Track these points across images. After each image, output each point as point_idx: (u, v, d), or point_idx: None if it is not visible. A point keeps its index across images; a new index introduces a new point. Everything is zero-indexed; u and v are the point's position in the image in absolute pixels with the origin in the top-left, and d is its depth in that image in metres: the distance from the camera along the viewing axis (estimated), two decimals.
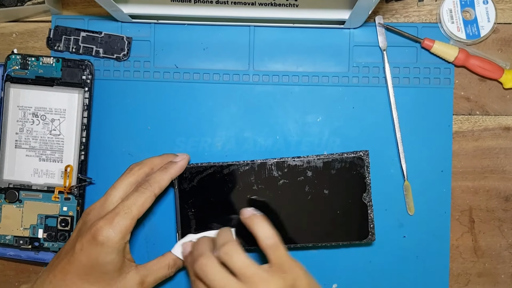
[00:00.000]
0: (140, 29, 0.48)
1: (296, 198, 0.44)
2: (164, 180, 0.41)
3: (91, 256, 0.37)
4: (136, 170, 0.41)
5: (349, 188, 0.44)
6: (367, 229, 0.45)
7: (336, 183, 0.44)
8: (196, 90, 0.48)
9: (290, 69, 0.48)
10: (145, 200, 0.39)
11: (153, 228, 0.48)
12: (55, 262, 0.39)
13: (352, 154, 0.44)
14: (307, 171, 0.44)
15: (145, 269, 0.41)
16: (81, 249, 0.37)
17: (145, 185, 0.40)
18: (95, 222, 0.37)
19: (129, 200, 0.39)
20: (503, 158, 0.48)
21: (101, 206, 0.40)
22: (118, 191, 0.40)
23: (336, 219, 0.45)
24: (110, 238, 0.37)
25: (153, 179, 0.41)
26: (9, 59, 0.46)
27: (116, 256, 0.38)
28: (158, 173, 0.41)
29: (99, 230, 0.37)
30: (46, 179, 0.46)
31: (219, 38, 0.48)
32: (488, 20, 0.47)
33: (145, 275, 0.41)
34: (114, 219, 0.37)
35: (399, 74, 0.48)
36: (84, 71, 0.46)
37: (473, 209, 0.48)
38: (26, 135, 0.46)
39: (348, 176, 0.44)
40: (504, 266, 0.48)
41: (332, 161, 0.44)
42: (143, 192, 0.39)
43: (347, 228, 0.45)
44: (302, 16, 0.45)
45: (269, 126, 0.48)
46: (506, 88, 0.48)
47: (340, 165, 0.44)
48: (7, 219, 0.46)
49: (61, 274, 0.38)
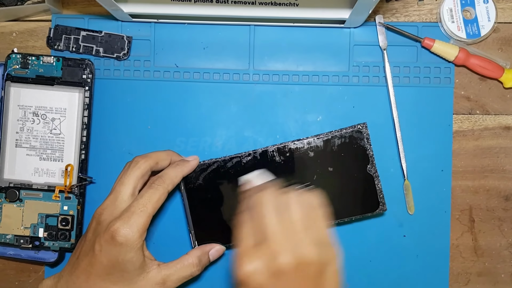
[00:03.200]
0: (140, 28, 0.48)
1: (302, 180, 0.44)
2: (177, 177, 0.41)
3: (111, 256, 0.37)
4: (142, 163, 0.41)
5: (352, 162, 0.44)
6: (377, 200, 0.44)
7: (339, 159, 0.44)
8: (196, 90, 0.48)
9: (290, 68, 0.48)
10: (159, 197, 0.39)
11: (158, 228, 0.48)
12: (75, 262, 0.39)
13: (350, 129, 0.44)
14: (309, 152, 0.44)
15: (168, 267, 0.41)
16: (100, 250, 0.37)
17: (159, 181, 0.40)
18: (112, 223, 0.37)
19: (144, 197, 0.39)
20: (503, 158, 0.48)
21: (113, 204, 0.39)
22: (126, 187, 0.40)
23: (345, 195, 0.45)
24: (128, 238, 0.37)
25: (166, 175, 0.41)
26: (10, 58, 0.46)
27: (135, 255, 0.38)
28: (172, 169, 0.41)
29: (117, 230, 0.37)
30: (46, 178, 0.46)
31: (219, 37, 0.48)
32: (488, 20, 0.47)
33: (167, 274, 0.40)
34: (130, 218, 0.37)
35: (399, 73, 0.48)
36: (84, 70, 0.46)
37: (473, 208, 0.48)
38: (26, 134, 0.46)
39: (350, 151, 0.44)
40: (504, 265, 0.48)
41: (332, 138, 0.44)
42: (156, 189, 0.39)
43: (357, 202, 0.45)
44: (303, 15, 0.45)
45: (269, 126, 0.48)
46: (506, 87, 0.48)
47: (340, 141, 0.44)
48: (8, 218, 0.46)
49: (84, 275, 0.38)
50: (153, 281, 0.39)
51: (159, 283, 0.40)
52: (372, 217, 0.47)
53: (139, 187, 0.40)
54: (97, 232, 0.38)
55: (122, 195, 0.39)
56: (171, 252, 0.45)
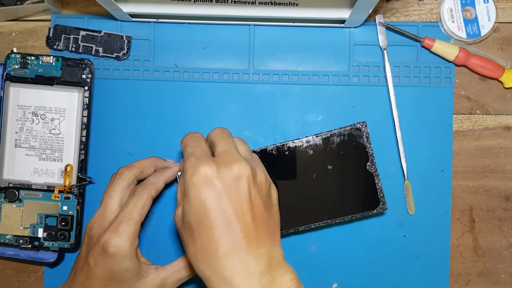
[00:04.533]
0: (140, 28, 0.48)
1: (301, 178, 0.44)
2: (159, 182, 0.42)
3: (106, 268, 0.37)
4: (127, 173, 0.41)
5: (352, 160, 0.44)
6: (377, 198, 0.44)
7: (339, 157, 0.44)
8: (196, 89, 0.48)
9: (290, 68, 0.48)
10: (143, 203, 0.39)
11: (152, 229, 0.48)
12: (73, 278, 0.39)
13: (349, 127, 0.44)
14: (308, 150, 0.44)
15: (165, 271, 0.41)
16: (95, 263, 0.37)
17: (141, 188, 0.40)
18: (101, 235, 0.38)
19: (129, 206, 0.39)
20: (504, 158, 0.48)
21: (102, 217, 0.40)
22: (114, 199, 0.40)
23: (345, 193, 0.44)
24: (119, 248, 0.37)
25: (148, 181, 0.41)
26: (9, 58, 0.46)
27: (130, 263, 0.38)
28: (153, 177, 0.42)
29: (107, 242, 0.37)
30: (46, 178, 0.46)
31: (219, 37, 0.48)
32: (488, 19, 0.47)
33: (165, 277, 0.41)
34: (119, 228, 0.38)
35: (400, 73, 0.48)
36: (84, 70, 0.46)
37: (473, 208, 0.48)
38: (26, 134, 0.46)
39: (349, 149, 0.44)
40: (504, 265, 0.48)
41: (331, 136, 0.44)
42: (140, 196, 0.40)
43: (357, 200, 0.44)
44: (302, 15, 0.45)
45: (269, 126, 0.48)
46: (506, 87, 0.48)
47: (340, 139, 0.44)
48: (7, 218, 0.46)
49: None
50: (152, 285, 0.40)
51: (158, 287, 0.40)
52: (372, 216, 0.47)
53: (126, 198, 0.41)
54: (89, 246, 0.39)
55: (110, 207, 0.40)
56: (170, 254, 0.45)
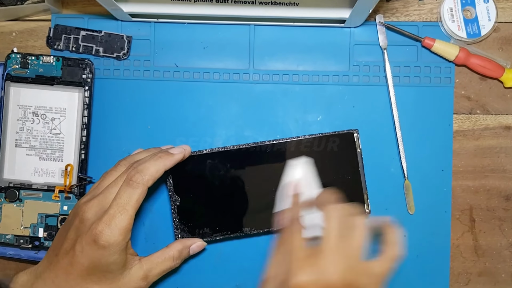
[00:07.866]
0: (140, 28, 0.48)
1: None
2: (158, 172, 0.39)
3: (93, 258, 0.37)
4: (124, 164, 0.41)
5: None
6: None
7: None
8: (196, 89, 0.48)
9: (290, 68, 0.48)
10: (138, 196, 0.38)
11: (150, 222, 0.48)
12: (54, 260, 0.38)
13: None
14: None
15: (149, 262, 0.41)
16: (82, 251, 0.37)
17: (137, 178, 0.38)
18: (94, 225, 0.37)
19: (123, 198, 0.37)
20: (504, 157, 0.48)
21: (100, 204, 0.38)
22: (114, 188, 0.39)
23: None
24: (111, 242, 0.36)
25: (146, 170, 0.38)
26: (9, 58, 0.46)
27: (118, 257, 0.37)
28: (153, 163, 0.39)
29: (100, 234, 0.36)
30: (46, 178, 0.46)
31: (219, 37, 0.48)
32: (488, 19, 0.47)
33: (149, 269, 0.40)
34: (111, 221, 0.36)
35: (400, 73, 0.48)
36: (84, 70, 0.46)
37: (473, 208, 0.48)
38: (26, 134, 0.46)
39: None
40: (504, 265, 0.48)
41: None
42: (136, 188, 0.38)
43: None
44: (303, 15, 0.45)
45: (269, 125, 0.48)
46: (506, 87, 0.48)
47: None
48: (8, 218, 0.46)
49: (64, 274, 0.37)
50: (136, 277, 0.39)
51: (142, 278, 0.40)
52: None
53: None
54: (79, 231, 0.37)
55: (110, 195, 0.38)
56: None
